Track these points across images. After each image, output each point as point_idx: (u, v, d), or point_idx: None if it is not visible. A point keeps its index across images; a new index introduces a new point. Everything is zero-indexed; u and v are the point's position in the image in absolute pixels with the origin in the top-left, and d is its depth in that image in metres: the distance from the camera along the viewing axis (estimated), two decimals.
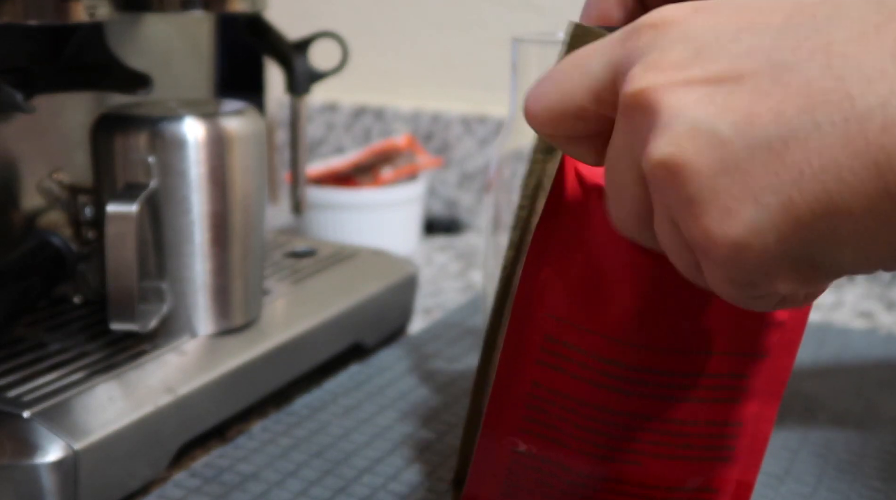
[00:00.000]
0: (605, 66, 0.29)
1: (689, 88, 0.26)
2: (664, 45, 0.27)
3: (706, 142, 0.25)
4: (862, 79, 0.24)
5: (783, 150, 0.25)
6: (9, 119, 0.57)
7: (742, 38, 0.26)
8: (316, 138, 1.07)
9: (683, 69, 0.26)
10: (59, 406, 0.46)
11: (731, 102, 0.25)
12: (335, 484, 0.49)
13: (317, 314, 0.61)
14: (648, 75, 0.27)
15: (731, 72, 0.26)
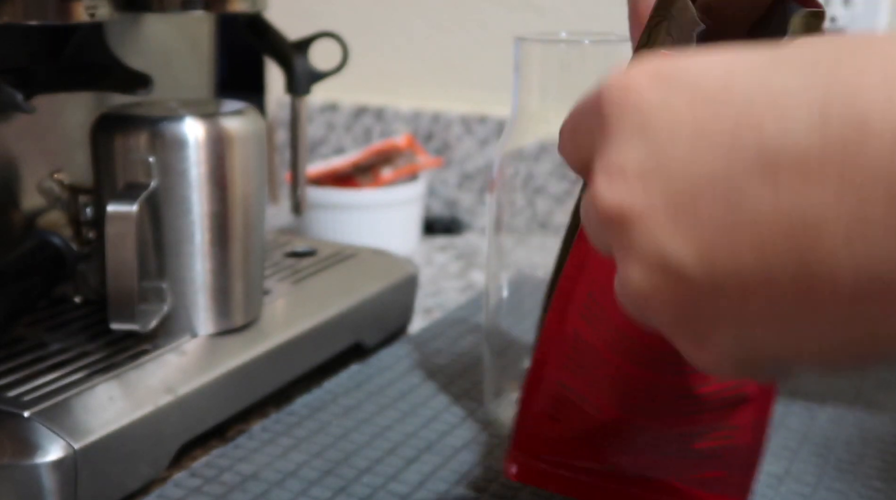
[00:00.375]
0: (580, 147, 0.30)
1: (653, 213, 0.26)
2: (622, 137, 0.27)
3: (674, 277, 0.26)
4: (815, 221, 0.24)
5: (742, 291, 0.25)
6: (9, 119, 0.57)
7: (697, 148, 0.25)
8: (316, 138, 1.07)
9: (644, 182, 0.26)
10: (59, 406, 0.46)
11: (694, 234, 0.25)
12: (335, 484, 0.49)
13: (317, 314, 0.61)
14: (613, 188, 0.27)
15: (689, 195, 0.25)
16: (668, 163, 0.26)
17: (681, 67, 0.27)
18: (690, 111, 0.26)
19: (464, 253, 0.93)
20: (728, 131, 0.25)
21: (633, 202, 0.27)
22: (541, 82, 0.53)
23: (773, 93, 0.25)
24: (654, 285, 0.27)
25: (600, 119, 0.28)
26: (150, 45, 0.67)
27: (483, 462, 0.51)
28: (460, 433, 0.54)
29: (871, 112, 0.23)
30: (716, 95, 0.26)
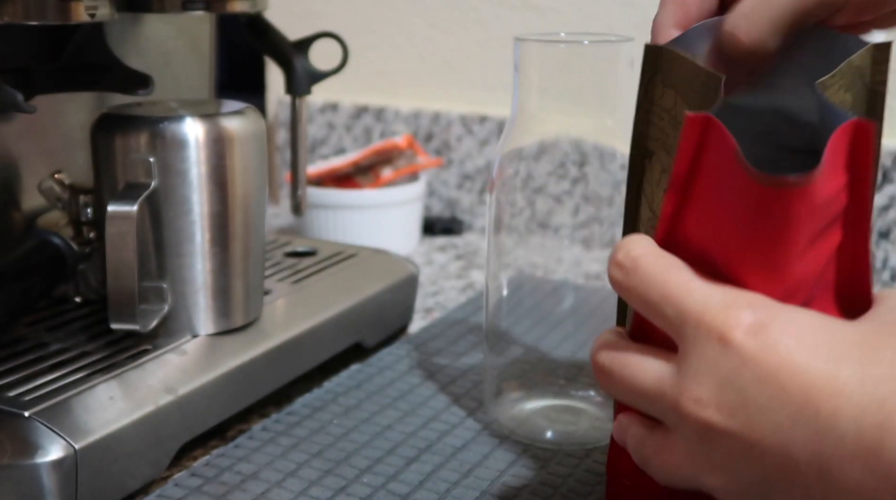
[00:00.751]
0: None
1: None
2: (715, 379, 0.33)
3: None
4: None
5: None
6: (9, 119, 0.57)
7: (767, 417, 0.32)
8: (316, 138, 1.07)
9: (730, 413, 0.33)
10: (59, 406, 0.46)
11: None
12: (335, 484, 0.49)
13: (317, 314, 0.61)
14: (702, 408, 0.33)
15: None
16: (745, 412, 0.32)
17: (780, 329, 0.32)
18: (776, 380, 0.32)
19: (464, 253, 0.93)
20: (803, 415, 0.31)
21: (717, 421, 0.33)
22: (540, 82, 0.53)
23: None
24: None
25: (690, 344, 0.34)
26: (150, 45, 0.67)
27: (483, 462, 0.51)
28: (460, 432, 0.54)
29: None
30: (808, 377, 0.31)
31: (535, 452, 0.53)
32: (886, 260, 0.84)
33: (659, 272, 0.35)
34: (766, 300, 0.33)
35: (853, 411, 0.30)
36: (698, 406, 0.33)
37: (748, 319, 0.32)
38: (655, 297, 0.34)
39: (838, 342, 0.31)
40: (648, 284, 0.35)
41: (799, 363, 0.31)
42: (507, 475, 0.50)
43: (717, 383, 0.32)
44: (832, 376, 0.30)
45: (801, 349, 0.31)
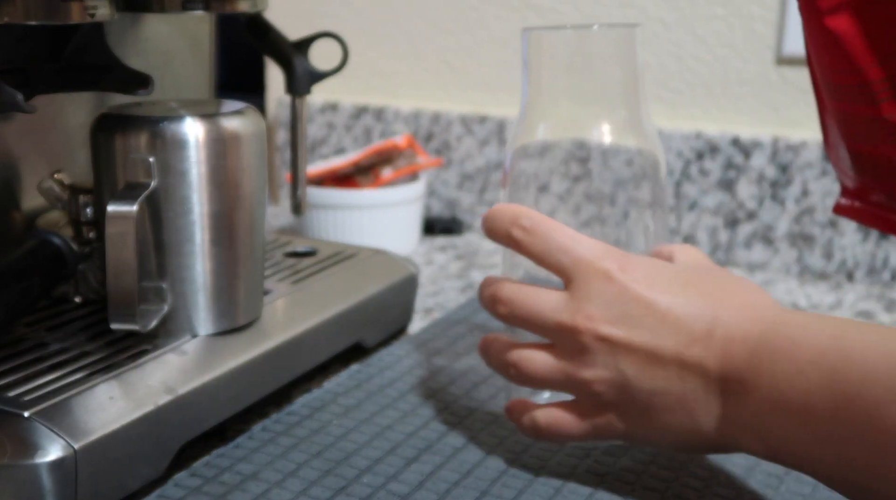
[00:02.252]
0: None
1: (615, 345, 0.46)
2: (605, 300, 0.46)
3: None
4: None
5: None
6: (9, 119, 0.57)
7: (644, 322, 0.46)
8: (316, 138, 1.07)
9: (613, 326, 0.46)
10: (59, 406, 0.46)
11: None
12: (335, 484, 0.49)
13: (317, 314, 0.61)
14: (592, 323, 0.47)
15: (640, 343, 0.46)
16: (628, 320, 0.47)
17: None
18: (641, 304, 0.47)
19: (464, 253, 0.93)
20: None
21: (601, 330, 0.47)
22: (550, 73, 0.53)
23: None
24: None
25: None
26: (150, 45, 0.67)
27: (483, 462, 0.51)
28: (460, 432, 0.54)
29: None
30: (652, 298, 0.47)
31: (535, 452, 0.53)
32: (887, 260, 0.84)
33: (553, 231, 0.47)
34: (629, 253, 0.48)
35: (699, 313, 0.45)
36: (590, 321, 0.46)
37: (621, 263, 0.46)
38: (553, 248, 0.47)
39: (680, 276, 0.47)
40: (547, 239, 0.47)
41: (661, 288, 0.46)
42: (507, 475, 0.50)
43: (605, 303, 0.46)
44: (685, 294, 0.45)
45: (661, 281, 0.46)
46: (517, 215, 0.48)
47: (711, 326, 0.44)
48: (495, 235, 0.49)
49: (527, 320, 0.48)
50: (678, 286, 0.46)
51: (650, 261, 0.48)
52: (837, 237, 0.85)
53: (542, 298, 0.48)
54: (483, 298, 0.50)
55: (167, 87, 0.67)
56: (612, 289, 0.45)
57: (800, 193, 0.86)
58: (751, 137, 0.87)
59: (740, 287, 0.47)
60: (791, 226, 0.87)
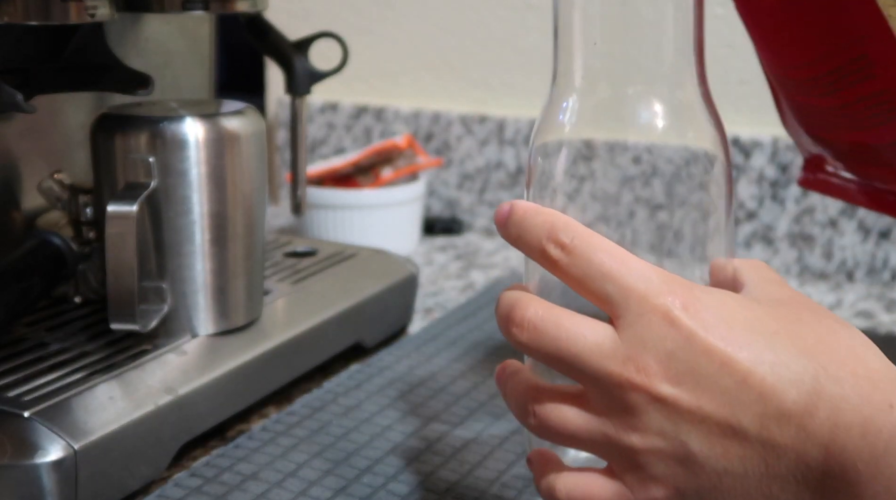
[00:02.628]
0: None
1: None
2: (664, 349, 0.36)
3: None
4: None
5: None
6: (9, 119, 0.57)
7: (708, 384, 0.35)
8: (316, 138, 1.07)
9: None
10: (59, 406, 0.46)
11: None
12: (335, 484, 0.49)
13: (317, 314, 0.61)
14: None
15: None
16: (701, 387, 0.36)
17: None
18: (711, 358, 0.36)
19: (464, 253, 0.93)
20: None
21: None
22: (584, 42, 0.41)
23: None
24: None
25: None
26: (150, 45, 0.67)
27: (483, 463, 0.51)
28: (460, 433, 0.54)
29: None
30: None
31: None
32: (887, 260, 0.84)
33: (597, 251, 0.37)
34: (696, 284, 0.37)
35: (792, 378, 0.34)
36: (646, 376, 0.35)
37: (685, 299, 0.36)
38: (596, 274, 0.37)
39: (764, 320, 0.36)
40: (589, 262, 0.37)
41: (740, 337, 0.35)
42: (507, 475, 0.50)
43: (665, 354, 0.35)
44: (773, 348, 0.35)
45: (740, 327, 0.35)
46: (554, 227, 0.38)
47: (812, 399, 0.34)
48: (526, 247, 0.39)
49: (558, 358, 0.37)
50: (763, 336, 0.35)
51: (723, 297, 0.37)
52: (837, 237, 0.85)
53: (581, 332, 0.36)
54: (500, 315, 0.39)
55: (167, 87, 0.67)
56: (676, 336, 0.35)
57: (800, 193, 0.86)
58: (751, 137, 0.87)
59: (847, 342, 0.36)
60: (791, 226, 0.87)
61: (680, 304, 0.35)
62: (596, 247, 0.37)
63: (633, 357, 0.35)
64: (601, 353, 0.36)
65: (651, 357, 0.35)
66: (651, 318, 0.35)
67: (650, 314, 0.35)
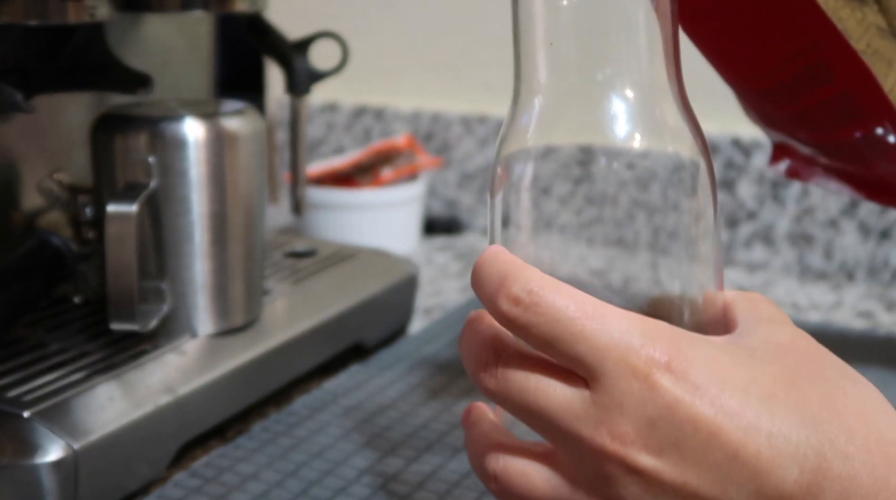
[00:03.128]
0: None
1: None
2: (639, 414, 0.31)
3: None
4: None
5: None
6: (9, 119, 0.57)
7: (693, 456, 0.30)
8: (316, 138, 1.07)
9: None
10: (59, 406, 0.46)
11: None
12: (335, 484, 0.49)
13: (317, 314, 0.61)
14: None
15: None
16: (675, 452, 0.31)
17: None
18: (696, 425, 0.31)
19: (464, 253, 0.93)
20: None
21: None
22: (544, 46, 0.38)
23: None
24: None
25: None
26: (150, 46, 0.67)
27: None
28: (460, 433, 0.54)
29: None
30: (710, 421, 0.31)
31: None
32: (887, 260, 0.84)
33: (564, 305, 0.32)
34: (682, 333, 0.32)
35: (793, 452, 0.30)
36: (621, 444, 0.31)
37: (669, 357, 0.31)
38: (565, 334, 0.31)
39: (760, 380, 0.31)
40: (555, 320, 0.32)
41: (732, 406, 0.30)
42: None
43: (646, 422, 0.30)
44: (770, 414, 0.30)
45: (732, 387, 0.31)
46: (507, 279, 0.32)
47: (817, 478, 0.29)
48: (483, 301, 0.34)
49: (527, 412, 0.33)
50: (759, 400, 0.30)
51: (713, 352, 0.32)
52: (838, 237, 0.85)
53: (551, 386, 0.32)
54: (463, 352, 0.35)
55: (167, 87, 0.67)
56: (658, 401, 0.30)
57: (800, 193, 0.86)
58: (751, 137, 0.87)
59: (856, 404, 0.31)
60: (791, 226, 0.87)
61: (664, 362, 0.31)
62: (561, 300, 0.32)
63: (607, 422, 0.31)
64: (573, 412, 0.32)
65: (629, 424, 0.31)
66: (630, 381, 0.31)
67: (629, 377, 0.31)
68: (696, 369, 0.31)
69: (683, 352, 0.31)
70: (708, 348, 0.32)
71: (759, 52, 0.48)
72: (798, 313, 0.77)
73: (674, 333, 0.32)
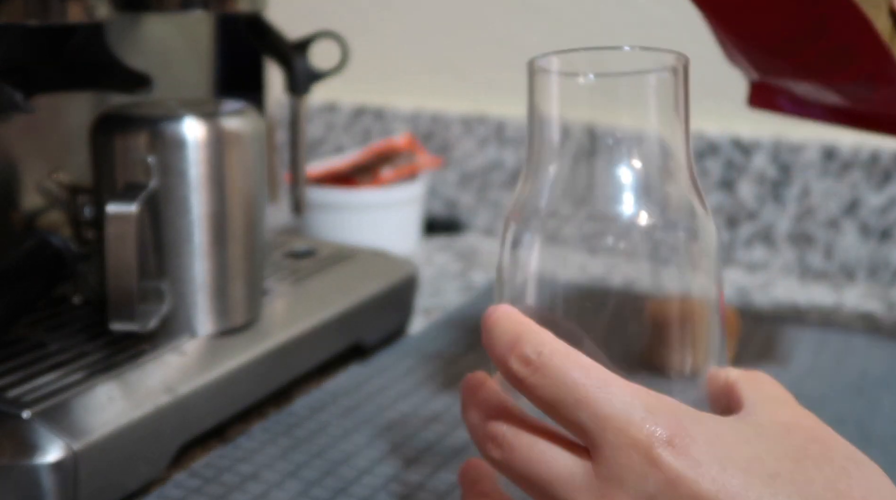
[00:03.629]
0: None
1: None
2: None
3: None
4: None
5: None
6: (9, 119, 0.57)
7: None
8: (316, 138, 1.07)
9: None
10: (59, 406, 0.46)
11: None
12: (335, 485, 0.49)
13: (317, 314, 0.61)
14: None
15: None
16: None
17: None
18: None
19: (464, 253, 0.93)
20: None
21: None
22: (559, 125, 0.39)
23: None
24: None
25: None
26: (150, 45, 0.67)
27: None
28: (460, 433, 0.54)
29: None
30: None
31: None
32: (887, 260, 0.84)
33: (570, 370, 0.32)
34: (686, 409, 0.32)
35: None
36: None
37: (672, 432, 0.31)
38: (569, 399, 0.32)
39: (764, 458, 0.31)
40: (560, 384, 0.32)
41: (735, 485, 0.30)
42: None
43: (645, 498, 0.31)
44: (771, 496, 0.30)
45: (734, 467, 0.30)
46: (519, 339, 0.34)
47: None
48: (492, 357, 0.35)
49: (530, 482, 0.33)
50: (762, 480, 0.30)
51: (717, 428, 0.32)
52: (838, 237, 0.85)
53: (554, 458, 0.33)
54: (468, 422, 0.36)
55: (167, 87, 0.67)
56: (658, 477, 0.30)
57: (800, 193, 0.86)
58: (751, 137, 0.87)
59: (861, 488, 0.31)
60: (791, 226, 0.87)
61: (666, 437, 0.31)
62: (569, 366, 0.32)
63: (608, 496, 0.31)
64: (573, 485, 0.32)
65: (628, 499, 0.31)
66: (630, 454, 0.31)
67: (629, 449, 0.31)
68: (698, 445, 0.31)
69: (686, 428, 0.31)
70: (712, 424, 0.32)
71: (768, 16, 0.50)
72: (798, 313, 0.77)
73: (677, 408, 0.32)
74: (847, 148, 0.84)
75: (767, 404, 0.34)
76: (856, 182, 0.84)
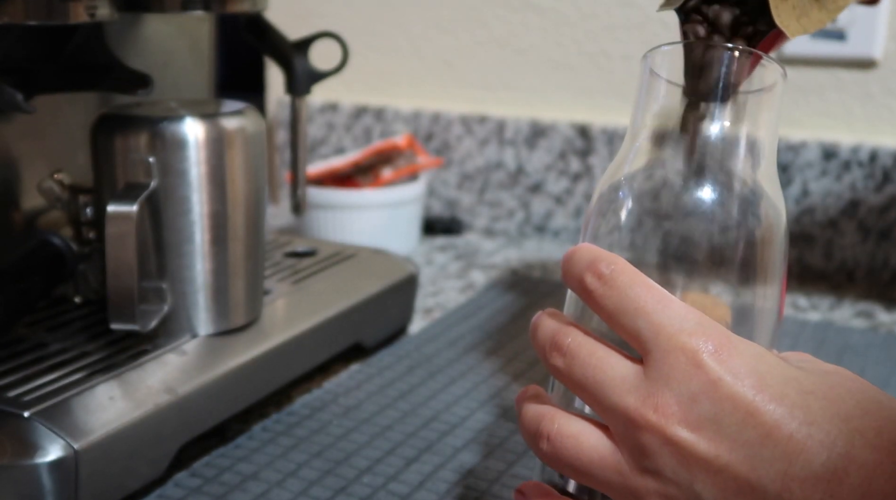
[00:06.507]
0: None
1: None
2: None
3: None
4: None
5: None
6: (9, 119, 0.57)
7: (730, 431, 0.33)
8: (316, 138, 1.07)
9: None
10: (59, 406, 0.46)
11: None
12: (335, 484, 0.49)
13: (317, 314, 0.61)
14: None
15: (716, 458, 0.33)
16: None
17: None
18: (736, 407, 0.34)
19: (464, 253, 0.93)
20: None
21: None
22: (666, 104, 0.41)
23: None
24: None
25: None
26: (150, 45, 0.67)
27: (483, 463, 0.51)
28: (460, 433, 0.54)
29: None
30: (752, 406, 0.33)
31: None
32: (887, 260, 0.84)
33: (635, 285, 0.36)
34: (734, 335, 0.35)
35: (823, 439, 0.32)
36: (662, 416, 0.34)
37: (718, 345, 0.34)
38: (629, 308, 0.36)
39: (800, 379, 0.34)
40: (624, 295, 0.36)
41: (770, 389, 0.33)
42: (507, 475, 0.50)
43: (688, 396, 0.33)
44: (805, 406, 0.32)
45: (772, 380, 0.33)
46: (596, 259, 0.37)
47: (844, 464, 0.31)
48: (569, 278, 0.38)
49: (583, 387, 0.36)
50: (798, 393, 0.33)
51: (762, 351, 0.35)
52: (837, 237, 0.85)
53: (610, 362, 0.36)
54: (538, 339, 0.39)
55: (167, 87, 0.67)
56: (701, 378, 0.33)
57: (800, 193, 0.86)
58: None
59: (891, 411, 0.33)
60: (791, 226, 0.87)
61: (712, 347, 0.34)
62: (634, 282, 0.36)
63: (654, 395, 0.34)
64: (623, 386, 0.35)
65: (672, 397, 0.34)
66: (678, 356, 0.34)
67: (677, 353, 0.34)
68: (741, 359, 0.34)
69: (733, 344, 0.34)
70: (756, 348, 0.35)
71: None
72: (798, 313, 0.77)
73: (727, 332, 0.35)
74: (847, 148, 0.84)
75: (811, 362, 0.37)
76: (855, 182, 0.84)
